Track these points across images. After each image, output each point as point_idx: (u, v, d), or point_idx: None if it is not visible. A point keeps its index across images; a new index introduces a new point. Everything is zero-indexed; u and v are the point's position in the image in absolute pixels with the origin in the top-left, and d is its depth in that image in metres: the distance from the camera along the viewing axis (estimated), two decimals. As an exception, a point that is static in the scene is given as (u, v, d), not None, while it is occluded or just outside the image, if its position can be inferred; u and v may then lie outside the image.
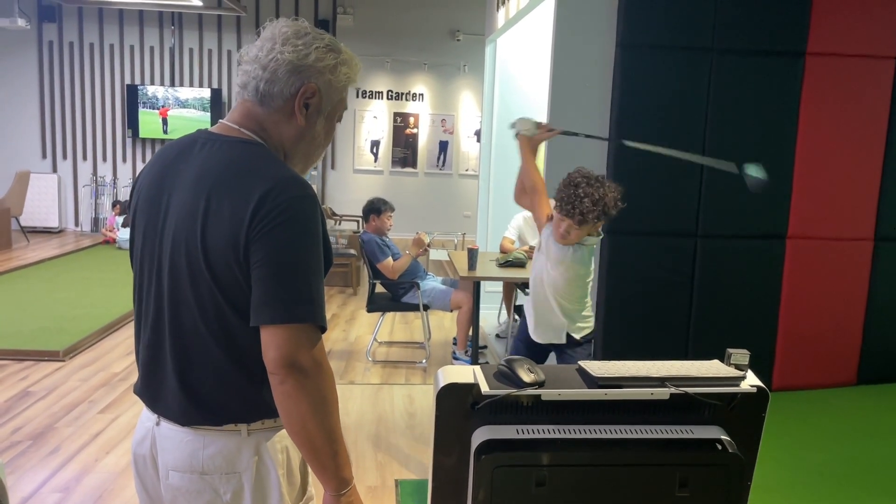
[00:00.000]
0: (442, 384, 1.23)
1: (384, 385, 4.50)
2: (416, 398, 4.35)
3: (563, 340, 3.05)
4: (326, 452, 1.28)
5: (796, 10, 3.99)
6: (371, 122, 11.13)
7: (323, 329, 1.28)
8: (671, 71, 3.97)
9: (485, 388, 1.21)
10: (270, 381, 1.26)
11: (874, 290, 4.26)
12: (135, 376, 4.55)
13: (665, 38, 3.95)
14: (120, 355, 5.02)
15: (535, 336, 3.09)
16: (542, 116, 5.93)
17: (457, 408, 1.24)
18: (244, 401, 1.33)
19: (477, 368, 1.26)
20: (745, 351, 1.35)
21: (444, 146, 11.32)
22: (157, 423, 1.39)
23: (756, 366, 4.08)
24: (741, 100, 4.02)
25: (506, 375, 1.23)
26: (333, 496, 1.32)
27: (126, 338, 5.44)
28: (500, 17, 5.81)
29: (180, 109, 10.60)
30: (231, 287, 1.27)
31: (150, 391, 1.40)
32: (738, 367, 1.33)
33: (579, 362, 1.29)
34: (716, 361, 1.36)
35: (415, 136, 11.24)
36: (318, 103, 1.37)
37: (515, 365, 1.24)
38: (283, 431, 1.36)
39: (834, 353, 4.28)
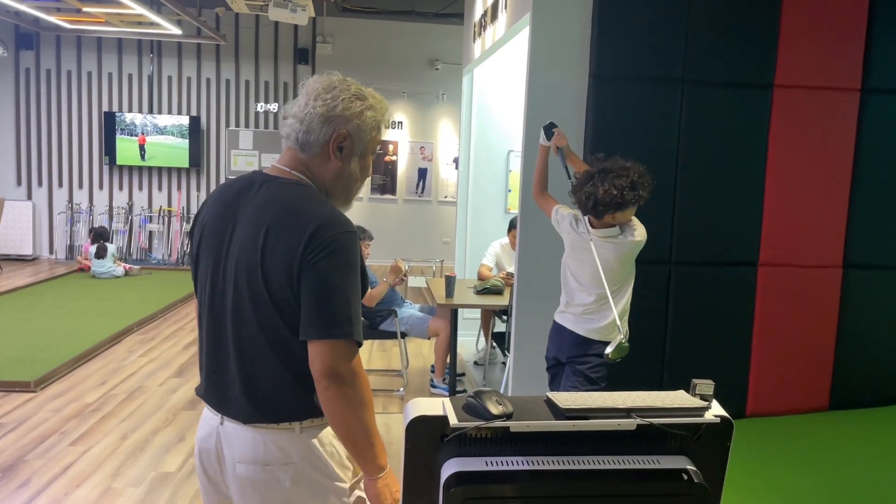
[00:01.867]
0: (411, 417, 1.25)
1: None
2: (393, 427, 4.34)
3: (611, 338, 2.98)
4: (365, 445, 1.54)
5: (763, 43, 4.10)
6: (350, 149, 11.15)
7: (359, 344, 1.52)
8: (643, 102, 4.05)
9: (454, 420, 1.22)
10: (316, 387, 1.51)
11: (844, 316, 4.33)
12: (107, 406, 4.49)
13: (637, 70, 4.03)
14: (93, 385, 4.95)
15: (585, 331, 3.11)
16: (516, 144, 6.00)
17: (426, 440, 1.25)
18: (297, 403, 1.57)
19: (447, 400, 1.28)
20: (710, 382, 1.38)
21: (423, 173, 11.38)
22: (222, 423, 1.63)
23: (730, 392, 4.16)
24: (712, 130, 4.11)
25: (474, 408, 1.25)
26: (371, 480, 1.58)
27: (99, 367, 5.37)
28: (477, 47, 5.90)
29: (158, 136, 10.57)
30: (285, 306, 1.51)
31: (215, 395, 1.64)
32: (702, 397, 1.36)
33: (547, 393, 1.31)
34: (681, 392, 1.38)
35: (394, 164, 11.30)
36: (351, 146, 1.61)
37: (484, 397, 1.25)
38: (329, 428, 1.60)
39: (806, 380, 4.33)
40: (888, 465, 3.73)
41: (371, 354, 5.90)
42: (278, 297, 1.51)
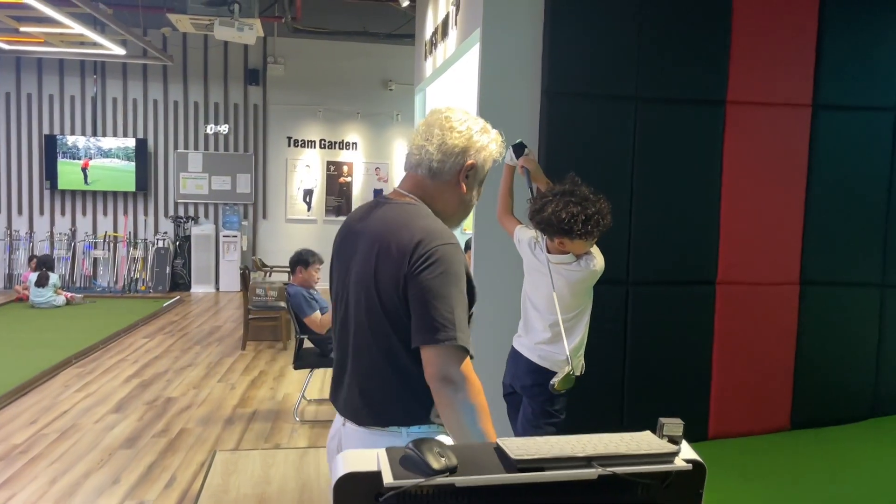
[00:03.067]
0: (340, 474, 1.08)
1: (311, 448, 4.26)
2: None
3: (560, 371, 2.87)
4: None
5: (715, 60, 4.06)
6: (304, 170, 10.96)
7: (466, 351, 1.59)
8: (597, 119, 3.97)
9: (389, 477, 1.05)
10: (432, 394, 1.60)
11: (803, 333, 4.28)
12: (37, 447, 4.22)
13: (590, 86, 3.95)
14: (23, 425, 4.63)
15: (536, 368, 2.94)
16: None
17: (358, 500, 1.08)
18: (404, 409, 1.68)
19: (382, 452, 1.11)
20: (679, 421, 1.24)
21: (378, 194, 11.18)
22: (343, 424, 1.77)
23: (692, 414, 4.00)
24: (666, 147, 4.04)
25: (413, 461, 1.08)
26: None
27: (31, 405, 5.05)
28: (429, 66, 5.79)
29: (103, 160, 10.22)
30: (394, 315, 1.63)
31: (339, 398, 1.79)
32: (671, 439, 1.22)
33: (498, 440, 1.16)
34: (647, 434, 1.24)
35: (349, 185, 11.11)
36: (475, 175, 1.78)
37: (424, 448, 1.09)
38: (440, 435, 1.65)
39: (767, 399, 4.26)
40: (850, 485, 3.66)
41: (324, 383, 5.68)
42: (388, 307, 1.64)
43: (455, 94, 6.11)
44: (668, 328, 4.10)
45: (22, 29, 7.75)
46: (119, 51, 8.65)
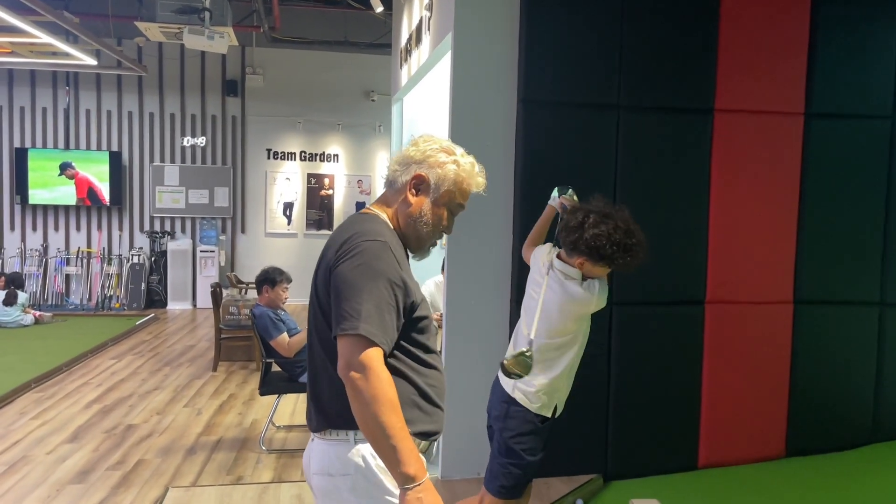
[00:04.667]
0: None
1: (272, 484, 3.96)
2: (307, 498, 3.84)
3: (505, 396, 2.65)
4: (385, 447, 1.53)
5: (701, 67, 3.84)
6: (284, 183, 10.70)
7: (372, 342, 1.56)
8: (577, 128, 3.73)
9: None
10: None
11: (797, 355, 4.04)
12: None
13: (569, 95, 3.72)
14: (-33, 457, 4.33)
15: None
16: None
17: None
18: (348, 409, 1.60)
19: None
20: (655, 502, 0.98)
21: (361, 207, 10.89)
22: (312, 440, 1.77)
23: (680, 442, 3.69)
24: (651, 158, 3.81)
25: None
26: (401, 490, 1.55)
27: (-20, 434, 4.74)
28: (404, 74, 5.55)
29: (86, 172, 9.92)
30: (328, 312, 1.65)
31: (307, 411, 1.79)
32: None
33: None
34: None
35: (330, 198, 10.86)
36: (426, 189, 1.77)
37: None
38: None
39: (760, 425, 4.01)
40: (852, 520, 3.41)
41: (296, 408, 5.39)
42: (324, 305, 1.68)
43: (433, 104, 5.87)
44: (655, 351, 3.85)
45: (-13, 38, 7.47)
46: (91, 61, 8.37)
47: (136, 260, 10.10)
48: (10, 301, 8.33)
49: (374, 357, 1.56)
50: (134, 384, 6.10)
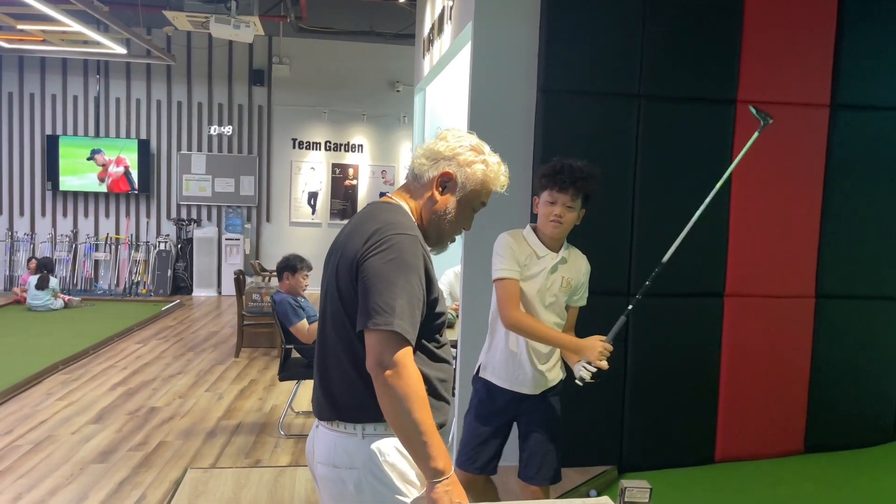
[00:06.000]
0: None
1: (288, 468, 4.02)
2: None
3: (552, 382, 2.67)
4: (417, 442, 1.54)
5: (725, 57, 3.79)
6: (308, 173, 10.77)
7: (406, 340, 1.54)
8: (597, 118, 3.71)
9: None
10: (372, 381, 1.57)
11: (818, 350, 3.98)
12: (8, 460, 4.03)
13: (590, 84, 3.70)
14: (-5, 435, 4.45)
15: (521, 385, 2.65)
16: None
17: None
18: (361, 402, 1.63)
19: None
20: (645, 484, 0.99)
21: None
22: (317, 426, 1.77)
23: (697, 436, 3.66)
24: (672, 148, 3.78)
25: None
26: (429, 484, 1.56)
27: (9, 413, 4.86)
28: (426, 64, 5.55)
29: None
30: (350, 303, 1.62)
31: (314, 397, 1.78)
32: (634, 507, 0.97)
33: None
34: (606, 499, 0.99)
35: (354, 188, 10.91)
36: (453, 186, 1.75)
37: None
38: (394, 438, 1.62)
39: (778, 420, 3.97)
40: (870, 517, 3.37)
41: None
42: (345, 296, 1.64)
43: (456, 94, 5.87)
44: (673, 343, 3.82)
45: (20, 27, 7.61)
46: (121, 50, 8.50)
47: (162, 247, 10.26)
48: (42, 285, 8.51)
49: (407, 354, 1.55)
50: (158, 368, 6.21)
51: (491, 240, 2.70)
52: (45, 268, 8.77)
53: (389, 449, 1.65)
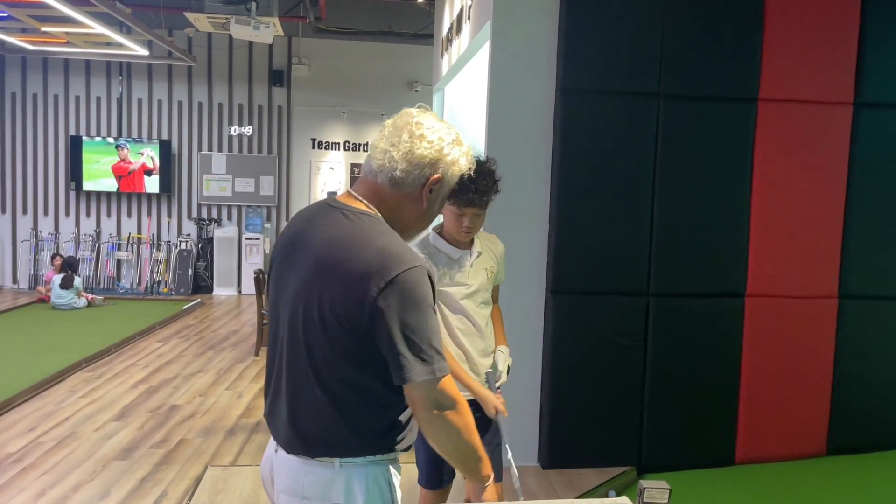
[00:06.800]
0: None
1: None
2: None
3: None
4: (474, 460, 1.60)
5: (746, 55, 3.76)
6: (328, 172, 10.81)
7: (444, 375, 1.49)
8: (616, 117, 3.70)
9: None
10: (419, 424, 1.55)
11: (841, 351, 3.94)
12: (31, 456, 4.07)
13: (609, 83, 3.68)
14: (20, 432, 4.50)
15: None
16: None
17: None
18: (337, 439, 1.52)
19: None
20: (664, 485, 0.98)
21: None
22: (276, 451, 1.62)
23: (717, 437, 3.63)
24: (692, 147, 3.75)
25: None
26: (481, 488, 1.69)
27: (33, 410, 4.93)
28: (445, 64, 5.56)
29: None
30: (340, 341, 1.47)
31: (272, 422, 1.63)
32: (652, 507, 0.96)
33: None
34: (625, 500, 0.98)
35: (373, 188, 10.92)
36: (440, 189, 1.61)
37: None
38: (373, 467, 1.55)
39: (800, 421, 3.93)
40: (894, 521, 3.33)
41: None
42: (333, 330, 1.48)
43: (474, 93, 5.87)
44: (693, 344, 3.80)
45: (44, 29, 7.72)
46: (142, 51, 8.59)
47: (183, 246, 10.35)
48: (66, 284, 8.62)
49: (450, 392, 1.51)
50: (179, 366, 6.27)
51: (507, 238, 2.70)
52: (69, 267, 8.88)
53: (367, 480, 1.55)
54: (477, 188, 2.34)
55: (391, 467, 1.59)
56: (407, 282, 1.45)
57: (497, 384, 2.53)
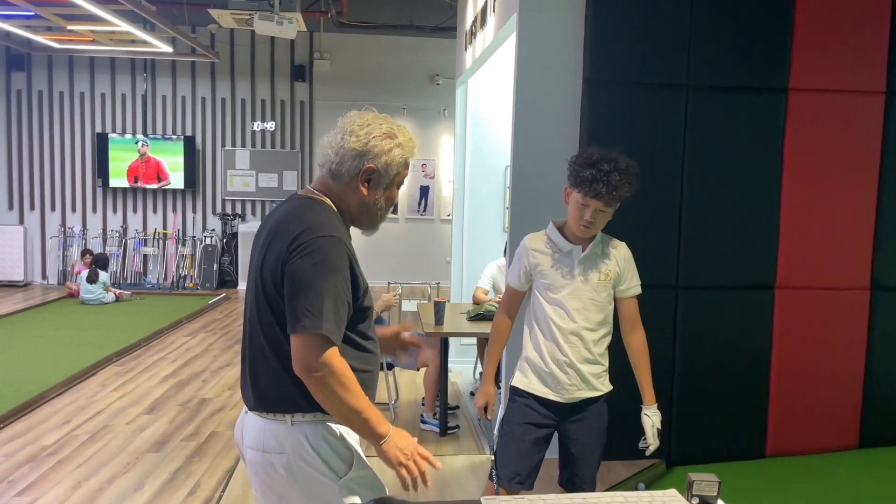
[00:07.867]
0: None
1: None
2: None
3: (598, 391, 2.57)
4: (358, 422, 1.68)
5: (775, 44, 3.72)
6: (349, 167, 10.84)
7: (332, 342, 1.62)
8: (644, 109, 3.67)
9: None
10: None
11: (873, 343, 3.89)
12: (66, 449, 4.15)
13: (636, 74, 3.66)
14: (55, 425, 4.59)
15: (559, 393, 2.52)
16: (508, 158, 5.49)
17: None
18: (288, 396, 1.71)
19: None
20: (713, 478, 0.98)
21: (424, 191, 11.04)
22: (246, 412, 1.84)
23: (747, 430, 3.59)
24: (720, 139, 3.72)
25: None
26: (378, 447, 1.71)
27: (66, 404, 5.02)
28: (468, 57, 5.55)
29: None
30: (274, 303, 1.68)
31: (243, 387, 1.84)
32: (702, 499, 0.96)
33: (482, 498, 0.93)
34: (674, 493, 0.99)
35: (395, 182, 10.94)
36: (378, 179, 1.77)
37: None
38: (326, 424, 1.73)
39: (832, 414, 3.89)
40: (929, 514, 3.29)
41: (360, 385, 5.51)
42: (269, 295, 1.69)
43: (498, 87, 5.86)
44: (722, 336, 3.78)
45: (70, 27, 7.82)
46: (167, 49, 8.68)
47: (208, 241, 10.45)
48: (92, 279, 8.74)
49: (333, 355, 1.63)
50: (207, 360, 6.34)
51: (536, 230, 2.70)
52: (97, 262, 9.01)
53: (317, 435, 1.72)
54: (609, 181, 2.29)
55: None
56: (315, 244, 1.63)
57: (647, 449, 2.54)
